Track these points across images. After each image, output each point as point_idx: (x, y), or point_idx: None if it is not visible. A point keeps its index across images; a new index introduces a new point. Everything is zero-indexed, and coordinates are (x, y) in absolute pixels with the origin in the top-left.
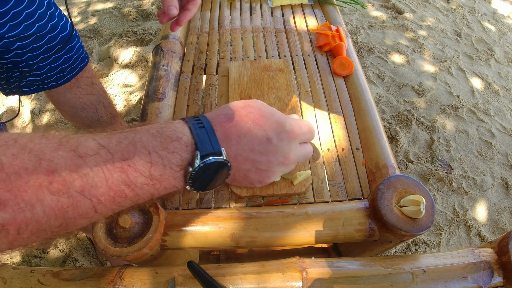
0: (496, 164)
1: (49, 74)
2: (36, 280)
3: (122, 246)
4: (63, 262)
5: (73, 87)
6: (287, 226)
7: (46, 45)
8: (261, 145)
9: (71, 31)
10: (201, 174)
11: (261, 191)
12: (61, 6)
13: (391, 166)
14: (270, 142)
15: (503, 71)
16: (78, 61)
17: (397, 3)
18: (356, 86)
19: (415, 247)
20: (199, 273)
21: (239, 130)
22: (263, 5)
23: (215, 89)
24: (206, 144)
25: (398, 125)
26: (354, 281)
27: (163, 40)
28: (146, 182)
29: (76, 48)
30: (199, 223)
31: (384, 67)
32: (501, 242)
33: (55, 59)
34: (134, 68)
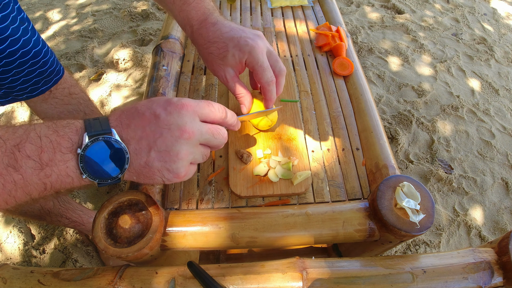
0: (496, 164)
1: (23, 86)
2: (36, 280)
3: (122, 246)
4: (63, 262)
5: (48, 98)
6: (287, 226)
7: (19, 59)
8: (151, 122)
9: (43, 46)
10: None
11: (261, 191)
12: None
13: (391, 166)
14: (158, 118)
15: (503, 71)
16: (53, 74)
17: (397, 3)
18: (356, 86)
19: (415, 247)
20: (199, 273)
21: (129, 115)
22: (263, 6)
23: (215, 89)
24: (95, 126)
25: (398, 125)
26: (354, 281)
27: (163, 40)
28: (35, 167)
29: (50, 62)
30: (199, 223)
31: (384, 67)
32: (501, 242)
33: (28, 73)
34: (134, 68)
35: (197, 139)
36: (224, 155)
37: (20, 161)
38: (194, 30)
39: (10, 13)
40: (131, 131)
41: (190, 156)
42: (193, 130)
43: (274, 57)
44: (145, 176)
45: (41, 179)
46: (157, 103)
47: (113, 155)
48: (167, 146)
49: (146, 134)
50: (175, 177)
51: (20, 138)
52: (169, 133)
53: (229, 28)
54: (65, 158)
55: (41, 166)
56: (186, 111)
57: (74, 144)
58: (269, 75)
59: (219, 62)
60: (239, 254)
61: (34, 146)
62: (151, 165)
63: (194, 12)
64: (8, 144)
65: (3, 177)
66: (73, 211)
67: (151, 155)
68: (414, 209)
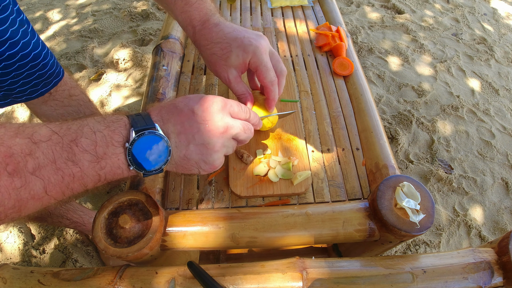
0: (496, 164)
1: (22, 88)
2: (36, 280)
3: (122, 246)
4: (63, 262)
5: (48, 100)
6: (287, 226)
7: (18, 62)
8: (189, 118)
9: (43, 48)
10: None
11: (261, 191)
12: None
13: (391, 166)
14: (195, 114)
15: (503, 71)
16: (52, 76)
17: (397, 3)
18: (356, 86)
19: (415, 247)
20: (199, 273)
21: (169, 111)
22: (263, 6)
23: (215, 89)
24: (140, 122)
25: (398, 125)
26: (354, 281)
27: (163, 40)
28: (92, 160)
29: (50, 64)
30: (199, 223)
31: (384, 67)
32: (501, 242)
33: (28, 75)
34: (134, 68)
35: (230, 134)
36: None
37: (78, 155)
38: (196, 31)
39: (9, 15)
40: (171, 126)
41: (224, 149)
42: (228, 125)
43: (276, 58)
44: (183, 167)
45: (97, 171)
46: (193, 100)
47: (156, 148)
48: (204, 140)
49: (185, 129)
50: (211, 168)
51: (75, 133)
52: (205, 127)
53: (232, 29)
54: (116, 152)
55: (97, 158)
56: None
57: (124, 138)
58: (272, 75)
59: (222, 63)
60: (239, 254)
61: (89, 141)
62: (190, 157)
63: (196, 13)
64: (65, 140)
65: (62, 171)
66: (73, 211)
67: (190, 148)
68: (414, 209)
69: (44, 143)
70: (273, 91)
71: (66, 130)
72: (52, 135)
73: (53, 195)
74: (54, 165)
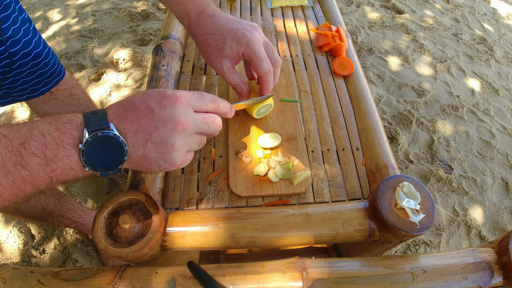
0: (496, 164)
1: (23, 87)
2: (36, 280)
3: (122, 246)
4: (63, 262)
5: (49, 99)
6: (287, 226)
7: (19, 60)
8: (146, 116)
9: (44, 47)
10: (93, 150)
11: (261, 191)
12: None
13: (391, 166)
14: (153, 112)
15: (503, 71)
16: (53, 75)
17: (397, 3)
18: (356, 86)
19: (415, 247)
20: (199, 273)
21: (126, 108)
22: (263, 6)
23: (215, 89)
24: (94, 122)
25: (398, 125)
26: (354, 281)
27: (163, 40)
28: (41, 163)
29: (51, 63)
30: (199, 223)
31: (384, 67)
32: (501, 242)
33: (29, 74)
34: (134, 68)
35: (191, 130)
36: (224, 155)
37: (27, 159)
38: (191, 22)
39: (11, 14)
40: (128, 125)
41: (185, 146)
42: (187, 121)
43: (270, 48)
44: (142, 165)
45: (47, 173)
46: (151, 97)
47: (112, 148)
48: (162, 138)
49: (142, 127)
50: (172, 166)
51: (24, 136)
52: (163, 126)
53: (226, 20)
54: (68, 154)
55: (46, 162)
56: (180, 104)
57: (75, 139)
58: (267, 65)
59: (216, 53)
60: (239, 254)
61: (38, 144)
62: (148, 156)
63: (191, 4)
64: (14, 143)
65: (12, 174)
66: (74, 211)
67: (148, 147)
68: (414, 209)
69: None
70: (268, 81)
71: (16, 133)
72: (1, 139)
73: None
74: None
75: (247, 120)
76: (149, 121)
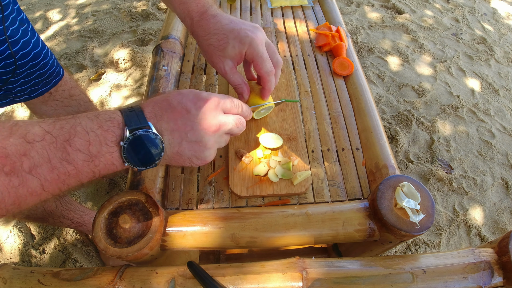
0: (496, 164)
1: (22, 88)
2: (36, 280)
3: (122, 246)
4: (63, 262)
5: (48, 100)
6: (287, 226)
7: (18, 61)
8: (183, 116)
9: (43, 48)
10: (133, 147)
11: (261, 191)
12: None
13: (391, 166)
14: (189, 112)
15: (503, 71)
16: (52, 76)
17: (397, 3)
18: (356, 86)
19: (415, 247)
20: (199, 273)
21: (162, 108)
22: (263, 6)
23: (215, 89)
24: (134, 120)
25: (398, 125)
26: (354, 281)
27: (163, 40)
28: (86, 159)
29: (50, 64)
30: (199, 223)
31: (384, 67)
32: (501, 242)
33: (27, 74)
34: (134, 68)
35: (223, 131)
36: (224, 155)
37: (72, 155)
38: (194, 22)
39: (9, 14)
40: (164, 123)
41: (216, 145)
42: (220, 123)
43: (272, 49)
44: (176, 161)
45: (91, 168)
46: (186, 97)
47: (150, 145)
48: (196, 138)
49: (178, 126)
50: (203, 163)
51: (68, 133)
52: (199, 126)
53: (229, 20)
54: (110, 150)
55: (91, 157)
56: (214, 107)
57: (117, 137)
58: (269, 65)
59: (219, 53)
60: (239, 254)
61: (82, 140)
62: (182, 153)
63: (194, 4)
64: (59, 140)
65: (58, 169)
66: (74, 211)
67: (183, 145)
68: (414, 209)
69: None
70: (270, 81)
71: (59, 130)
72: (46, 135)
73: (50, 191)
74: (49, 164)
75: (247, 120)
76: (185, 121)
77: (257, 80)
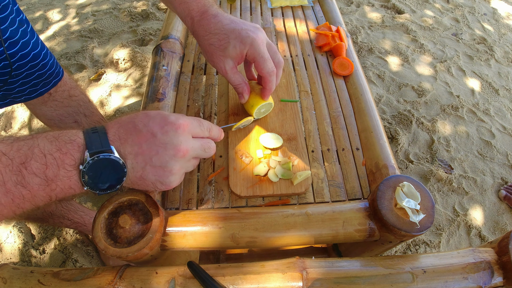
0: (496, 164)
1: (21, 88)
2: (36, 280)
3: (122, 246)
4: (63, 262)
5: (47, 101)
6: (287, 226)
7: (17, 62)
8: (148, 141)
9: (42, 48)
10: (93, 171)
11: (261, 191)
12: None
13: (391, 166)
14: (155, 137)
15: (503, 71)
16: (52, 76)
17: (397, 3)
18: (356, 86)
19: (415, 247)
20: (199, 273)
21: (127, 130)
22: (263, 6)
23: (215, 89)
24: (96, 143)
25: (398, 125)
26: (354, 281)
27: (163, 40)
28: (41, 183)
29: (50, 64)
30: (199, 223)
31: (384, 67)
32: (501, 242)
33: (27, 75)
34: (134, 68)
35: (190, 155)
36: (224, 155)
37: (27, 178)
38: (194, 22)
39: (9, 15)
40: (128, 147)
41: (182, 170)
42: (187, 148)
43: (273, 49)
44: (139, 186)
45: (47, 192)
46: (153, 121)
47: (111, 169)
48: (161, 163)
49: (143, 150)
50: (167, 188)
51: (25, 155)
52: (164, 151)
53: (230, 20)
54: (68, 174)
55: (47, 181)
56: (182, 131)
57: (76, 161)
58: (270, 65)
59: (219, 53)
60: (239, 254)
61: (39, 164)
62: (146, 178)
63: (194, 4)
64: (15, 162)
65: (12, 193)
66: (74, 212)
67: (146, 170)
68: (414, 209)
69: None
70: (271, 81)
71: (16, 152)
72: (2, 157)
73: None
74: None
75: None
76: (150, 145)
77: (258, 80)
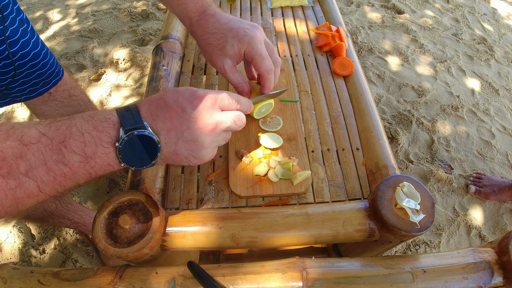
0: (496, 164)
1: (21, 88)
2: (36, 280)
3: (122, 246)
4: (63, 262)
5: (48, 100)
6: (287, 226)
7: (17, 61)
8: (178, 116)
9: (42, 48)
10: (128, 147)
11: (261, 191)
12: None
13: (391, 166)
14: (185, 111)
15: (503, 71)
16: (52, 76)
17: (397, 3)
18: (356, 86)
19: (415, 247)
20: (199, 273)
21: (158, 107)
22: (263, 6)
23: (215, 89)
24: (130, 120)
25: (398, 125)
26: (354, 281)
27: (163, 40)
28: (81, 160)
29: (50, 64)
30: (199, 223)
31: (384, 67)
32: (501, 242)
33: (27, 74)
34: (134, 68)
35: (220, 129)
36: (224, 155)
37: (68, 156)
38: (193, 22)
39: (9, 14)
40: (160, 123)
41: (214, 144)
42: (217, 121)
43: (270, 48)
44: (173, 161)
45: (87, 169)
46: (182, 96)
47: (146, 145)
48: (193, 137)
49: (174, 126)
50: (201, 162)
51: (64, 135)
52: (195, 125)
53: (228, 19)
54: (106, 151)
55: (86, 159)
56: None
57: (113, 138)
58: (268, 63)
59: (218, 52)
60: (239, 254)
61: (78, 142)
62: (179, 152)
63: (192, 4)
64: (55, 142)
65: (54, 171)
66: (74, 212)
67: (179, 145)
68: (414, 209)
69: (34, 145)
70: (269, 79)
71: (55, 132)
72: (41, 137)
73: (47, 192)
74: (45, 166)
75: (247, 120)
76: (181, 120)
77: (257, 79)
